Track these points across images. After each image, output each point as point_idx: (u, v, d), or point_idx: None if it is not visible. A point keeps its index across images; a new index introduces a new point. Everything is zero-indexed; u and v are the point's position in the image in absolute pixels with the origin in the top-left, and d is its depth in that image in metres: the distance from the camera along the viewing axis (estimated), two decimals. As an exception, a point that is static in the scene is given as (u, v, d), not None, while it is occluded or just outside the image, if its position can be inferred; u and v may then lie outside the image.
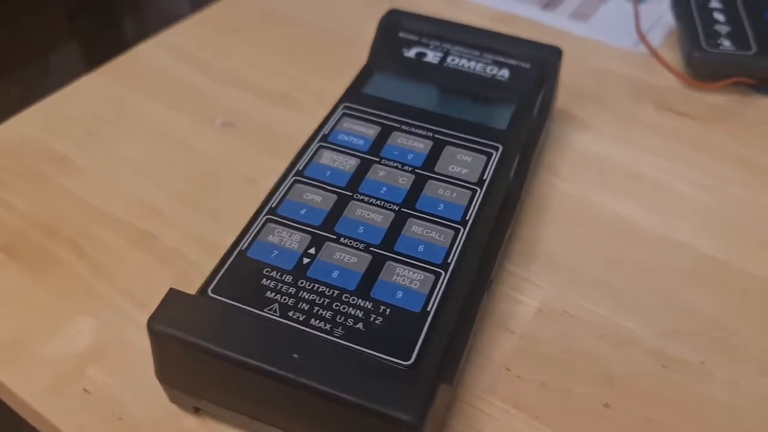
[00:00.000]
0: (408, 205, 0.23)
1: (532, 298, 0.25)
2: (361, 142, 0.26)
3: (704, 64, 0.34)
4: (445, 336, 0.20)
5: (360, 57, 0.32)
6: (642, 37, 0.36)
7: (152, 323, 0.19)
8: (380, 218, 0.23)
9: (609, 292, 0.26)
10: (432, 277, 0.21)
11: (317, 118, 0.31)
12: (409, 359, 0.19)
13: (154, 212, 0.28)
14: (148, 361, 0.21)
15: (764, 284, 0.26)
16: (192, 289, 0.23)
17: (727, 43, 0.35)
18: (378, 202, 0.23)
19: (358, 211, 0.23)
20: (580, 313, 0.25)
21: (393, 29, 0.31)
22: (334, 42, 0.39)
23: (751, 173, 0.31)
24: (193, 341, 0.19)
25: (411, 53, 0.30)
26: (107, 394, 0.22)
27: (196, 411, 0.22)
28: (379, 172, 0.24)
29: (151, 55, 0.37)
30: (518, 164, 0.26)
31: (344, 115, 0.27)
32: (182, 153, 0.31)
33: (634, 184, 0.30)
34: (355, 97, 0.28)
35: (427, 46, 0.30)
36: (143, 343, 0.21)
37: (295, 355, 0.18)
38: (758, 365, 0.24)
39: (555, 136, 0.32)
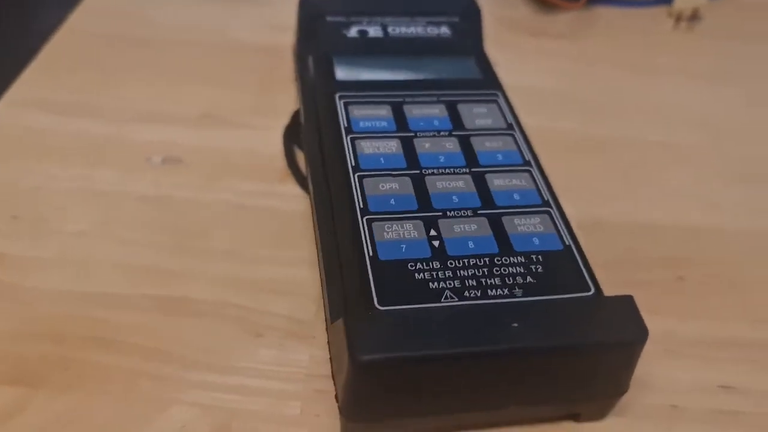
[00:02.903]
0: (473, 164, 0.24)
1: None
2: (385, 123, 0.25)
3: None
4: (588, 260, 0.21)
5: (245, 59, 0.33)
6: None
7: (361, 356, 0.17)
8: (462, 183, 0.23)
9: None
10: (546, 216, 0.22)
11: (260, 128, 0.30)
12: (590, 289, 0.20)
13: (154, 273, 0.24)
14: (274, 415, 0.20)
15: None
16: (259, 331, 0.23)
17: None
18: (448, 171, 0.23)
19: (438, 184, 0.23)
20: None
21: (317, 15, 0.30)
22: (207, 52, 0.36)
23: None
24: (412, 355, 0.17)
25: (353, 33, 0.29)
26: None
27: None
28: (425, 144, 0.24)
29: (7, 118, 0.31)
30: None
31: (348, 104, 0.26)
32: (138, 205, 0.27)
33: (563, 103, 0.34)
34: (339, 85, 0.27)
35: (361, 23, 0.30)
36: (255, 403, 0.21)
37: (515, 324, 0.18)
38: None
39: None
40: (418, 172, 0.23)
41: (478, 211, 0.22)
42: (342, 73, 0.27)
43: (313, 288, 0.24)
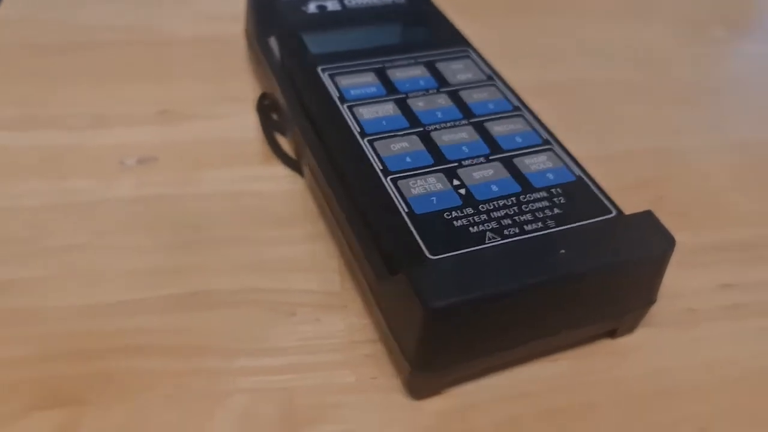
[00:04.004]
0: (469, 116, 0.24)
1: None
2: (374, 89, 0.25)
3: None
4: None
5: (184, 52, 0.33)
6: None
7: (433, 303, 0.18)
8: (466, 134, 0.24)
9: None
10: (551, 153, 0.23)
11: (223, 117, 0.30)
12: (611, 211, 0.21)
13: (166, 273, 0.24)
14: (331, 386, 0.20)
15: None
16: (291, 310, 0.23)
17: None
18: (449, 124, 0.24)
19: (444, 137, 0.23)
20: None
21: (269, -3, 0.30)
22: (143, 49, 0.34)
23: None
24: (481, 295, 0.18)
25: (312, 9, 0.29)
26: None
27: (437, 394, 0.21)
28: (419, 103, 0.25)
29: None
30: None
31: (333, 75, 0.26)
32: (126, 209, 0.26)
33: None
34: (317, 59, 0.26)
35: (316, -2, 0.30)
36: (308, 378, 0.21)
37: (562, 251, 0.19)
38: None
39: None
40: (421, 129, 0.24)
41: (490, 157, 0.23)
42: (315, 47, 0.27)
43: (331, 260, 0.24)
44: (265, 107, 0.30)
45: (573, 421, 0.21)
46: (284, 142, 0.29)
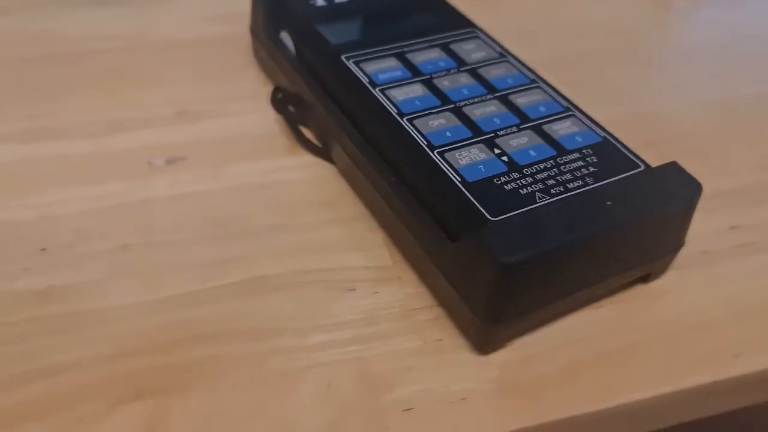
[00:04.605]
0: (493, 91, 0.26)
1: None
2: (399, 72, 0.26)
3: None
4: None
5: (186, 54, 0.34)
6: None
7: (507, 258, 0.19)
8: (494, 108, 0.25)
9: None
10: (574, 118, 0.25)
11: (239, 113, 0.31)
12: (640, 165, 0.23)
13: (217, 264, 0.24)
14: (402, 351, 0.22)
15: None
16: (349, 286, 0.24)
17: None
18: (476, 100, 0.25)
19: (475, 111, 0.25)
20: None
21: (278, -8, 0.31)
22: (143, 54, 0.35)
23: None
24: (548, 248, 0.20)
25: (320, 2, 0.30)
26: (426, 405, 0.21)
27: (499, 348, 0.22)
28: (444, 83, 0.26)
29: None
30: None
31: (358, 63, 0.27)
32: (163, 207, 0.27)
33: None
34: (339, 48, 0.28)
35: (322, -10, 0.31)
36: (379, 347, 0.22)
37: (609, 203, 0.21)
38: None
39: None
40: (453, 106, 0.25)
41: (521, 126, 0.24)
42: (333, 38, 0.28)
43: (375, 237, 0.26)
44: (279, 101, 0.31)
45: (622, 361, 0.22)
46: (305, 132, 0.30)
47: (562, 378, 0.22)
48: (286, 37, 0.30)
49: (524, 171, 0.23)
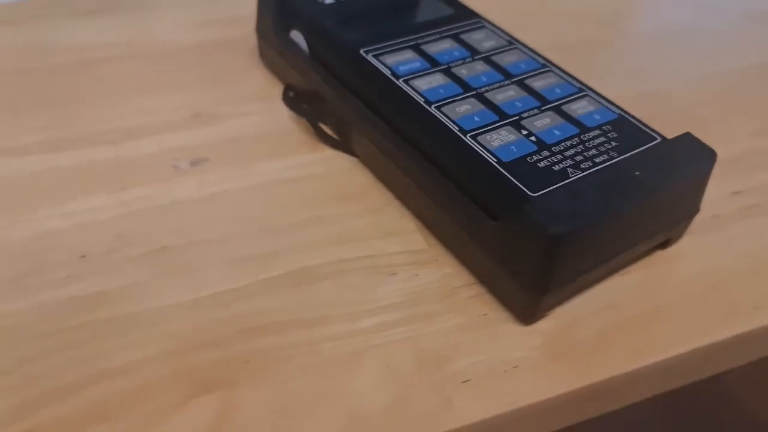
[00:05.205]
0: (509, 76, 0.27)
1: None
2: (418, 63, 0.27)
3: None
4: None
5: (190, 58, 0.35)
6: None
7: (551, 230, 0.20)
8: (513, 92, 0.26)
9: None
10: (589, 98, 0.26)
11: (254, 113, 0.32)
12: (657, 138, 0.25)
13: (259, 259, 0.25)
14: (451, 328, 0.23)
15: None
16: (390, 271, 0.25)
17: None
18: (495, 86, 0.27)
19: (497, 96, 0.26)
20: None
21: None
22: (148, 61, 0.35)
23: None
24: (589, 219, 0.21)
25: (328, 0, 0.31)
26: (482, 375, 0.22)
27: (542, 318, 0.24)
28: (462, 71, 0.27)
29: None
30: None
31: (378, 56, 0.28)
32: (196, 208, 0.27)
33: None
34: (355, 43, 0.28)
35: (327, -11, 0.32)
36: (427, 326, 0.23)
37: (637, 173, 0.23)
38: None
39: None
40: (475, 92, 0.26)
41: (542, 108, 0.26)
42: (348, 34, 0.29)
43: (407, 223, 0.27)
44: (292, 99, 0.31)
45: (653, 321, 0.24)
46: (322, 126, 0.31)
47: (601, 341, 0.23)
48: (297, 35, 0.30)
49: (553, 149, 0.24)
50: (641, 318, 0.24)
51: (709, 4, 0.43)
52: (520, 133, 0.24)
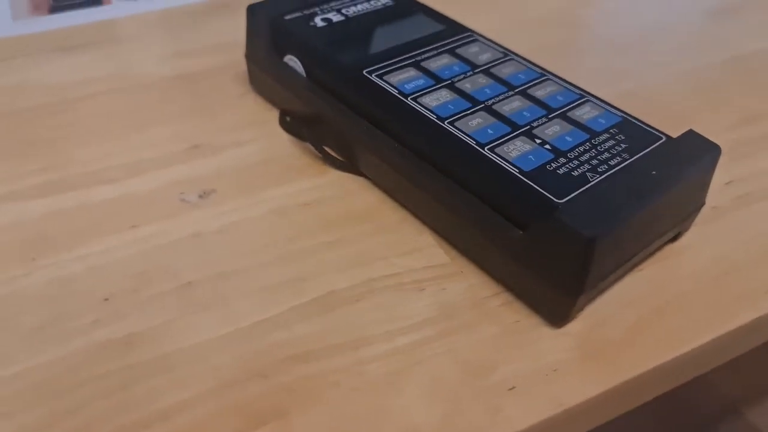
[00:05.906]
0: (511, 88, 0.28)
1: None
2: (422, 81, 0.28)
3: None
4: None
5: (172, 91, 0.34)
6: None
7: (586, 234, 0.21)
8: (518, 103, 0.27)
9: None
10: (591, 103, 0.27)
11: (252, 141, 0.32)
12: (662, 137, 0.26)
13: (285, 286, 0.25)
14: (487, 337, 0.23)
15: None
16: (419, 287, 0.25)
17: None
18: (500, 97, 0.27)
19: (504, 107, 0.27)
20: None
21: (274, 18, 0.31)
22: (133, 95, 0.35)
23: None
24: (620, 220, 0.22)
25: (320, 23, 0.31)
26: (525, 381, 0.23)
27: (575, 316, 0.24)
28: (466, 85, 0.28)
29: None
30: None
31: (381, 76, 0.28)
32: (213, 240, 0.27)
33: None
34: (358, 64, 0.29)
35: (318, 14, 0.32)
36: (464, 337, 0.23)
37: (654, 172, 0.24)
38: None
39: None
40: (483, 105, 0.27)
41: (550, 116, 0.26)
42: (345, 56, 0.29)
43: (426, 238, 0.27)
44: (289, 123, 0.31)
45: (675, 313, 0.25)
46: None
47: (631, 337, 0.24)
48: (292, 60, 0.31)
49: (568, 155, 0.25)
50: (663, 310, 0.25)
51: (670, 5, 0.45)
52: (534, 142, 0.25)
